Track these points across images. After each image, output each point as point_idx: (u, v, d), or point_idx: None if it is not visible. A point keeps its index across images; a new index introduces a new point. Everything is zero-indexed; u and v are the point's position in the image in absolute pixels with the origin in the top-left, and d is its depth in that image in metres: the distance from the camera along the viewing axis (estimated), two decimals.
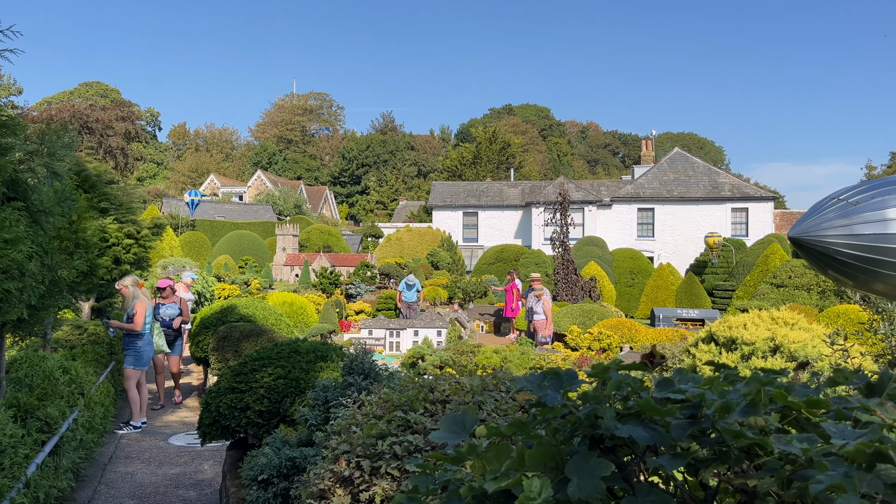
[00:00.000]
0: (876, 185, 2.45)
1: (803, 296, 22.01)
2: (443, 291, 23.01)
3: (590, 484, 1.54)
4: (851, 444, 1.38)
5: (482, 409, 3.07)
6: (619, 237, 38.63)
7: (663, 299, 26.91)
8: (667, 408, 1.58)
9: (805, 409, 1.74)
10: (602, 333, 15.01)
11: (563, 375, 1.85)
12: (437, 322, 17.23)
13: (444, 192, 43.69)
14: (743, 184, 41.30)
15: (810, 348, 6.45)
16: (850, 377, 1.98)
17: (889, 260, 2.34)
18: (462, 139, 77.84)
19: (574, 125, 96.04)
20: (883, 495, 1.25)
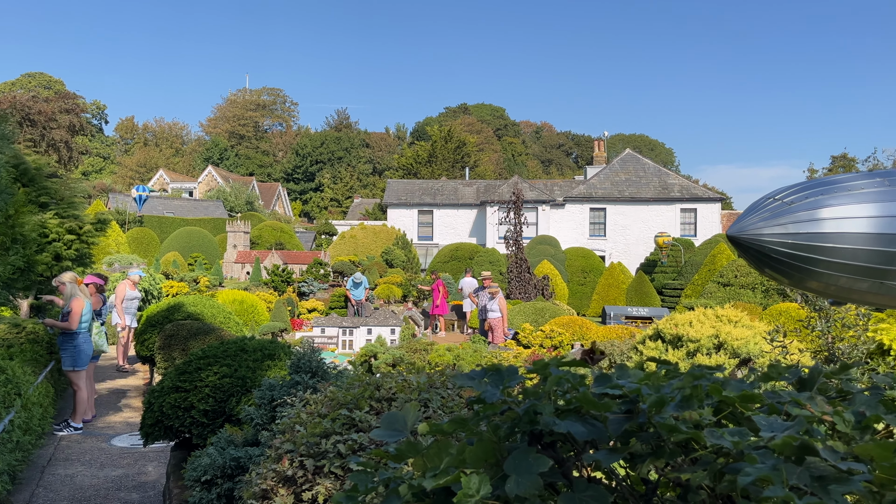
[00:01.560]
0: (810, 186, 2.52)
1: (748, 294, 22.66)
2: (397, 289, 22.94)
3: (527, 480, 1.54)
4: (779, 437, 1.41)
5: (428, 406, 3.06)
6: (572, 236, 39.11)
7: (614, 297, 27.35)
8: (603, 402, 1.59)
9: (739, 404, 1.78)
10: (554, 331, 15.17)
11: (504, 372, 1.85)
12: (391, 320, 17.16)
13: (399, 190, 43.57)
14: (692, 185, 42.25)
15: (752, 345, 6.63)
16: (783, 372, 2.03)
17: (821, 258, 2.41)
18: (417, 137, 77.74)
19: (528, 125, 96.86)
20: (810, 487, 1.28)
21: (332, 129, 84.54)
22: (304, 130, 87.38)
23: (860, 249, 2.36)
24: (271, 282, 21.97)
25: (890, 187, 2.46)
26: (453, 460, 1.75)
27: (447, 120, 77.87)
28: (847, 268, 2.43)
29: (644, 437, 1.61)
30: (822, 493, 1.26)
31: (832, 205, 2.38)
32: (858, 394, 1.87)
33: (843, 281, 2.50)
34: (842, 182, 2.47)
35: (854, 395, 1.87)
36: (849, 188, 2.42)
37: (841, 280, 2.50)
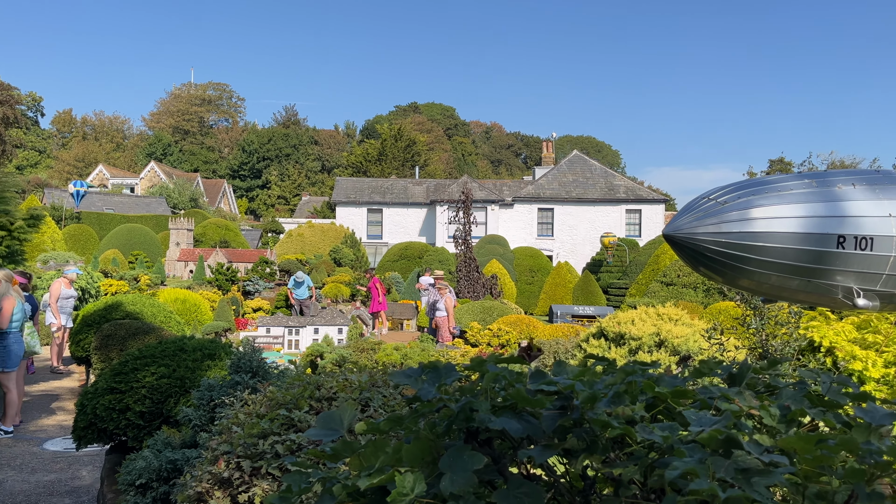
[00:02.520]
0: (743, 186, 2.59)
1: (690, 293, 23.27)
2: (345, 289, 22.75)
3: (462, 478, 1.53)
4: (706, 431, 1.44)
5: (370, 405, 3.03)
6: (521, 236, 39.47)
7: (561, 296, 27.71)
8: (536, 398, 1.59)
9: (672, 399, 1.80)
10: (501, 330, 15.27)
11: (442, 369, 1.84)
12: (339, 320, 17.02)
13: (348, 188, 43.23)
14: (637, 186, 43.15)
15: (692, 343, 6.79)
16: (714, 368, 2.07)
17: (753, 257, 2.48)
18: (367, 135, 77.28)
19: (478, 125, 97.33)
20: (734, 480, 1.30)
21: (279, 125, 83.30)
22: (251, 126, 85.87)
23: (789, 248, 2.44)
24: (215, 280, 21.52)
25: (818, 189, 2.55)
26: (389, 459, 1.73)
27: (397, 118, 77.61)
28: (777, 266, 2.50)
29: (579, 432, 1.62)
30: (746, 486, 1.28)
31: (763, 205, 2.44)
32: (785, 388, 1.92)
33: (774, 279, 2.58)
34: (772, 183, 2.54)
35: (781, 389, 1.92)
36: (779, 189, 2.49)
37: (772, 278, 2.57)
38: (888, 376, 5.40)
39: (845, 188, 2.55)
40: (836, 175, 2.65)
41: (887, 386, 5.36)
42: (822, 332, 5.76)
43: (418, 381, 1.80)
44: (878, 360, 5.48)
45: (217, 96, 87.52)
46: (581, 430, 1.62)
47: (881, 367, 5.46)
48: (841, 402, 1.84)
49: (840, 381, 1.94)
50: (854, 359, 5.49)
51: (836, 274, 2.53)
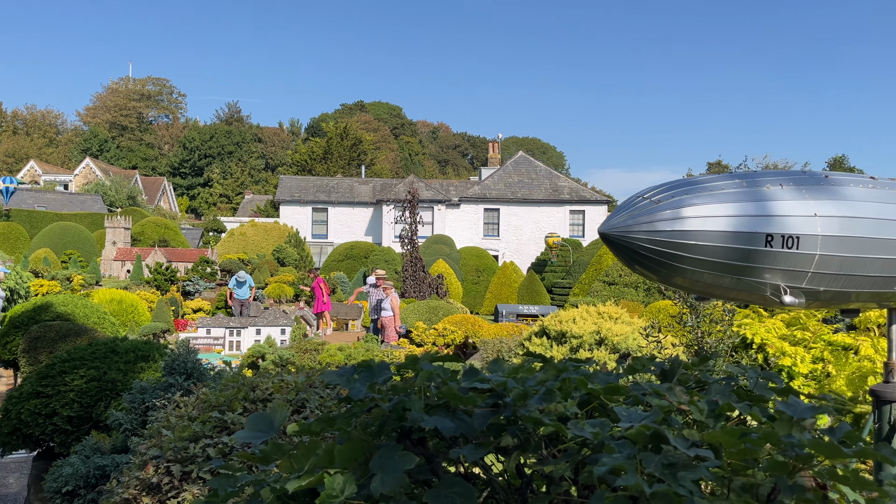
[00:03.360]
0: (676, 186, 2.64)
1: (632, 293, 23.78)
2: (289, 289, 22.42)
3: (393, 478, 1.51)
4: (634, 427, 1.45)
5: (306, 406, 2.97)
6: (467, 236, 39.63)
7: (507, 296, 27.93)
8: (468, 396, 1.58)
9: (604, 395, 1.81)
10: (447, 329, 15.29)
11: (375, 368, 1.81)
12: (282, 320, 16.76)
13: (292, 186, 42.63)
14: (581, 188, 43.85)
15: (631, 341, 6.91)
16: (647, 365, 2.10)
17: (685, 255, 2.52)
18: (312, 133, 76.31)
19: (425, 125, 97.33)
20: (660, 474, 1.31)
21: (222, 122, 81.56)
22: (192, 123, 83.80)
23: (719, 247, 2.49)
24: (154, 280, 20.92)
25: (747, 188, 2.61)
26: (320, 460, 1.68)
27: (343, 117, 76.91)
28: (709, 264, 2.56)
29: (512, 430, 1.61)
30: (672, 480, 1.29)
31: (695, 204, 2.49)
32: (714, 384, 1.95)
33: (706, 277, 2.63)
34: (704, 182, 2.59)
35: (710, 385, 1.96)
36: (710, 189, 2.55)
37: (704, 276, 2.63)
38: (815, 371, 5.62)
39: (773, 188, 2.62)
40: (765, 175, 2.73)
41: (815, 381, 5.57)
42: (755, 330, 5.95)
43: (350, 380, 1.77)
44: (806, 356, 5.69)
45: (157, 91, 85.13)
46: (514, 428, 1.62)
47: (809, 362, 5.67)
48: (767, 396, 1.88)
49: (766, 376, 1.99)
50: (784, 355, 5.70)
51: (765, 272, 2.60)
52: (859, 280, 2.76)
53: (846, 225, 2.66)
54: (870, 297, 3.03)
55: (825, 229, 2.59)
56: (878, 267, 2.77)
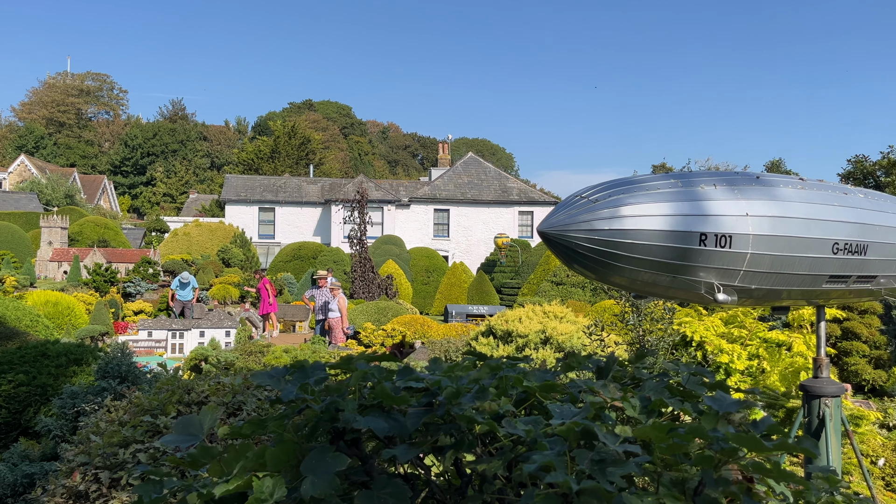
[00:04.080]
0: (613, 185, 2.67)
1: (579, 292, 24.13)
2: (234, 290, 22.01)
3: (324, 480, 1.48)
4: (564, 424, 1.45)
5: (243, 409, 2.91)
6: (417, 236, 39.59)
7: (456, 296, 27.99)
8: (400, 395, 1.56)
9: (540, 393, 1.82)
10: (395, 330, 15.23)
11: (309, 369, 1.77)
12: (226, 322, 16.44)
13: (238, 185, 41.87)
14: (530, 189, 44.31)
15: (575, 339, 7.00)
16: (582, 362, 2.11)
17: (622, 254, 2.56)
18: (260, 132, 75.11)
19: (375, 125, 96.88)
20: (589, 471, 1.32)
21: (166, 119, 79.54)
22: (134, 120, 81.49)
23: (655, 245, 2.53)
24: (92, 282, 20.26)
25: (682, 188, 2.66)
26: (251, 464, 1.64)
27: (291, 115, 75.91)
28: (645, 263, 2.60)
29: (445, 429, 1.60)
30: (600, 476, 1.30)
31: (632, 203, 2.53)
32: (648, 380, 1.97)
33: (642, 275, 2.67)
34: (641, 182, 2.63)
35: (644, 381, 1.98)
36: (647, 188, 2.59)
37: (641, 275, 2.66)
38: (751, 368, 5.79)
39: (707, 188, 2.68)
40: (700, 176, 2.79)
41: (751, 377, 5.74)
42: (694, 328, 6.10)
43: (281, 381, 1.73)
44: (742, 353, 5.86)
45: (97, 87, 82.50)
46: (448, 427, 1.60)
47: (745, 359, 5.84)
48: (698, 392, 1.92)
49: (697, 372, 2.03)
50: (721, 352, 5.85)
51: (699, 270, 2.65)
52: (789, 278, 2.84)
53: (776, 224, 2.74)
54: (800, 294, 3.13)
55: (756, 228, 2.66)
56: (806, 265, 2.86)
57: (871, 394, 12.50)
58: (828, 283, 3.02)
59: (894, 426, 7.08)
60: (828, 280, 2.99)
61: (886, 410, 7.27)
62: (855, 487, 4.59)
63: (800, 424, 3.42)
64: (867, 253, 3.01)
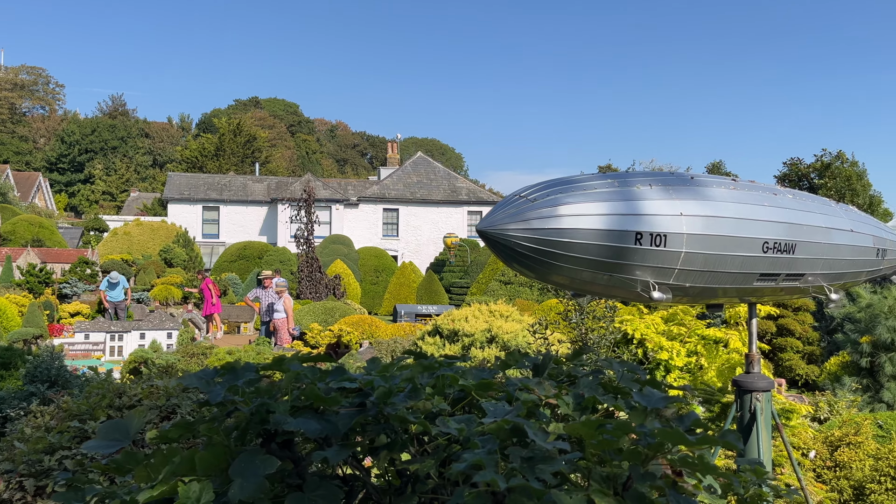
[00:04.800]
0: (552, 185, 2.70)
1: (526, 292, 24.39)
2: (176, 291, 21.49)
3: (253, 483, 1.44)
4: (495, 422, 1.46)
5: (177, 412, 2.83)
6: (366, 236, 39.37)
7: (405, 296, 27.94)
8: (331, 396, 1.54)
9: (476, 391, 1.82)
10: (343, 330, 15.11)
11: (240, 370, 1.73)
12: (168, 323, 16.05)
13: (181, 183, 40.91)
14: (479, 189, 44.56)
15: (520, 338, 7.06)
16: (519, 360, 2.12)
17: (560, 252, 2.58)
18: (204, 129, 73.48)
19: (323, 123, 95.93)
20: (519, 468, 1.32)
21: (105, 115, 77.11)
22: (71, 116, 78.73)
23: (592, 244, 2.57)
24: (26, 283, 19.50)
25: (619, 188, 2.71)
26: (179, 468, 1.59)
27: (237, 113, 74.50)
28: (583, 262, 2.63)
29: (377, 429, 1.58)
30: (529, 473, 1.31)
31: (569, 202, 2.56)
32: (583, 377, 2.00)
33: (580, 274, 2.70)
34: (579, 182, 2.67)
35: (580, 378, 2.00)
36: (584, 188, 2.62)
37: (578, 273, 2.70)
38: (690, 364, 5.95)
39: (643, 188, 2.74)
40: (636, 176, 2.85)
41: (689, 373, 5.90)
42: (635, 326, 6.23)
43: (210, 383, 1.68)
44: (681, 349, 6.02)
45: (31, 81, 79.41)
46: (380, 427, 1.59)
47: (684, 356, 5.99)
48: (633, 388, 1.95)
49: (631, 368, 2.06)
50: (661, 349, 6.00)
51: (635, 269, 2.70)
52: (721, 276, 2.93)
53: (709, 224, 2.81)
54: (732, 292, 3.22)
55: (690, 228, 2.73)
56: (738, 264, 2.94)
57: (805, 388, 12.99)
58: (758, 281, 3.12)
59: (825, 419, 7.36)
60: (758, 278, 3.08)
61: (818, 404, 7.56)
62: (786, 479, 4.75)
63: (733, 418, 3.52)
64: (795, 252, 3.12)
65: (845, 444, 5.48)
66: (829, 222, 3.36)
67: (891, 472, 5.41)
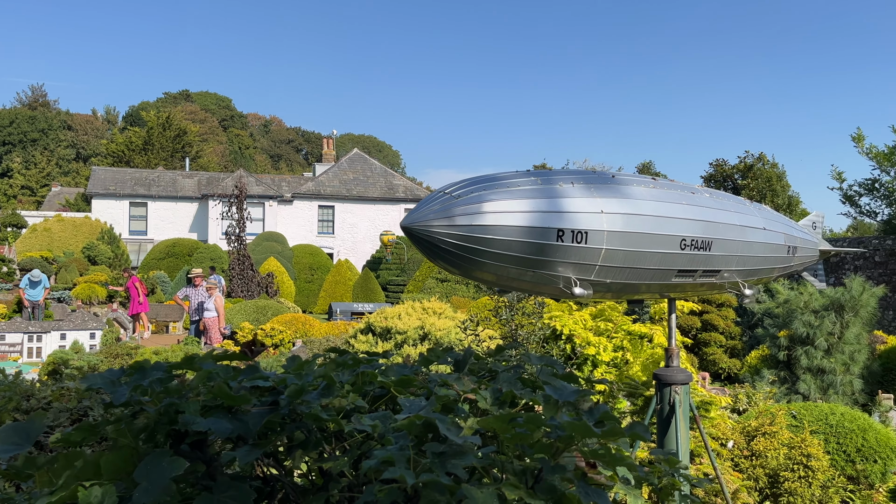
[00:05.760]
0: (476, 182, 2.72)
1: (463, 289, 24.52)
2: (101, 289, 20.69)
3: (158, 486, 1.40)
4: (407, 418, 1.45)
5: (89, 414, 2.72)
6: (301, 233, 38.83)
7: (341, 294, 27.69)
8: (240, 394, 1.50)
9: (395, 387, 1.81)
10: (275, 329, 14.85)
11: (148, 369, 1.67)
12: (91, 323, 15.44)
13: (107, 178, 39.41)
14: (416, 186, 44.52)
15: (453, 335, 7.09)
16: (441, 356, 2.13)
17: (485, 249, 2.60)
18: (131, 122, 70.99)
19: (257, 118, 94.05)
20: (430, 463, 1.32)
21: (24, 106, 73.54)
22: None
23: (515, 241, 2.60)
24: None
25: (542, 186, 2.75)
26: (83, 472, 1.53)
27: (166, 106, 72.23)
28: (506, 258, 2.66)
29: (294, 427, 1.56)
30: (439, 468, 1.31)
31: (493, 199, 2.58)
32: (503, 372, 2.02)
33: (504, 271, 2.73)
34: (503, 179, 2.69)
35: (500, 374, 2.02)
36: (507, 185, 2.65)
37: (503, 270, 2.73)
38: (616, 359, 6.10)
39: (565, 186, 2.78)
40: (559, 174, 2.89)
41: (616, 368, 6.05)
42: (563, 322, 6.35)
43: (115, 383, 1.62)
44: (608, 345, 6.16)
45: None
46: (296, 426, 1.56)
47: (611, 351, 6.14)
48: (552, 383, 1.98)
49: (549, 363, 2.09)
50: (589, 344, 6.13)
51: (558, 265, 2.75)
52: (641, 272, 3.01)
53: (629, 221, 2.89)
54: (653, 288, 3.32)
55: (610, 225, 2.79)
56: (657, 260, 3.03)
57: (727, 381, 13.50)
58: (677, 277, 3.22)
59: (744, 410, 7.66)
60: (677, 274, 3.18)
61: (737, 396, 7.87)
62: (705, 469, 4.93)
63: (653, 411, 3.62)
64: (711, 249, 3.24)
65: (761, 433, 5.73)
66: (743, 220, 3.51)
67: (803, 459, 5.69)
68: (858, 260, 17.46)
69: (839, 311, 10.00)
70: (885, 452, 6.51)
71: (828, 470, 5.90)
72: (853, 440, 6.48)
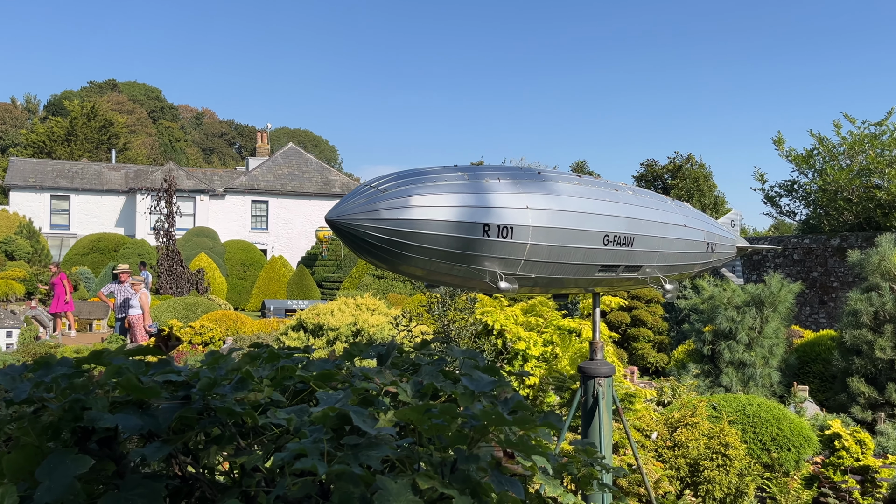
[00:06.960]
0: (403, 176, 2.72)
1: (399, 286, 24.48)
2: (19, 286, 19.76)
3: (62, 485, 1.35)
4: (320, 411, 1.45)
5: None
6: (233, 229, 37.99)
7: (275, 291, 27.24)
8: (149, 388, 1.46)
9: (315, 382, 1.80)
10: (204, 327, 14.51)
11: (55, 365, 1.61)
12: (8, 321, 14.76)
13: (26, 170, 37.62)
14: (353, 182, 44.19)
15: (386, 331, 7.08)
16: (363, 349, 2.12)
17: (411, 243, 2.61)
18: (53, 112, 67.95)
19: (188, 110, 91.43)
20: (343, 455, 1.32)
21: None
22: None
23: (442, 236, 2.61)
24: None
25: (469, 181, 2.77)
26: None
27: (91, 95, 69.41)
28: (433, 253, 2.67)
29: (208, 422, 1.53)
30: (352, 460, 1.31)
31: (420, 194, 2.59)
32: (426, 366, 2.03)
33: (431, 265, 2.74)
34: (430, 174, 2.70)
35: (422, 367, 2.03)
36: (435, 180, 2.66)
37: (429, 264, 2.73)
38: (546, 353, 6.22)
39: (492, 182, 2.81)
40: (486, 170, 2.92)
41: (545, 362, 6.16)
42: (495, 317, 6.43)
43: (17, 379, 1.56)
44: (538, 339, 6.27)
45: None
46: (212, 420, 1.53)
47: (541, 345, 6.26)
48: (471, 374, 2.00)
49: (471, 356, 2.12)
50: (519, 339, 6.22)
51: (484, 260, 2.78)
52: (566, 267, 3.07)
53: (554, 217, 2.94)
54: (577, 282, 3.39)
55: (536, 221, 2.84)
56: (580, 255, 3.10)
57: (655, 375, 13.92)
58: (600, 272, 3.30)
59: (668, 403, 7.91)
60: (600, 269, 3.26)
61: (662, 389, 8.12)
62: (628, 459, 5.08)
63: (578, 403, 3.71)
64: (633, 245, 3.33)
65: (683, 424, 5.93)
66: (664, 217, 3.62)
67: (721, 449, 5.92)
68: (779, 258, 18.27)
69: (759, 307, 10.44)
70: (799, 441, 6.84)
71: (745, 458, 6.15)
72: (769, 430, 6.78)
